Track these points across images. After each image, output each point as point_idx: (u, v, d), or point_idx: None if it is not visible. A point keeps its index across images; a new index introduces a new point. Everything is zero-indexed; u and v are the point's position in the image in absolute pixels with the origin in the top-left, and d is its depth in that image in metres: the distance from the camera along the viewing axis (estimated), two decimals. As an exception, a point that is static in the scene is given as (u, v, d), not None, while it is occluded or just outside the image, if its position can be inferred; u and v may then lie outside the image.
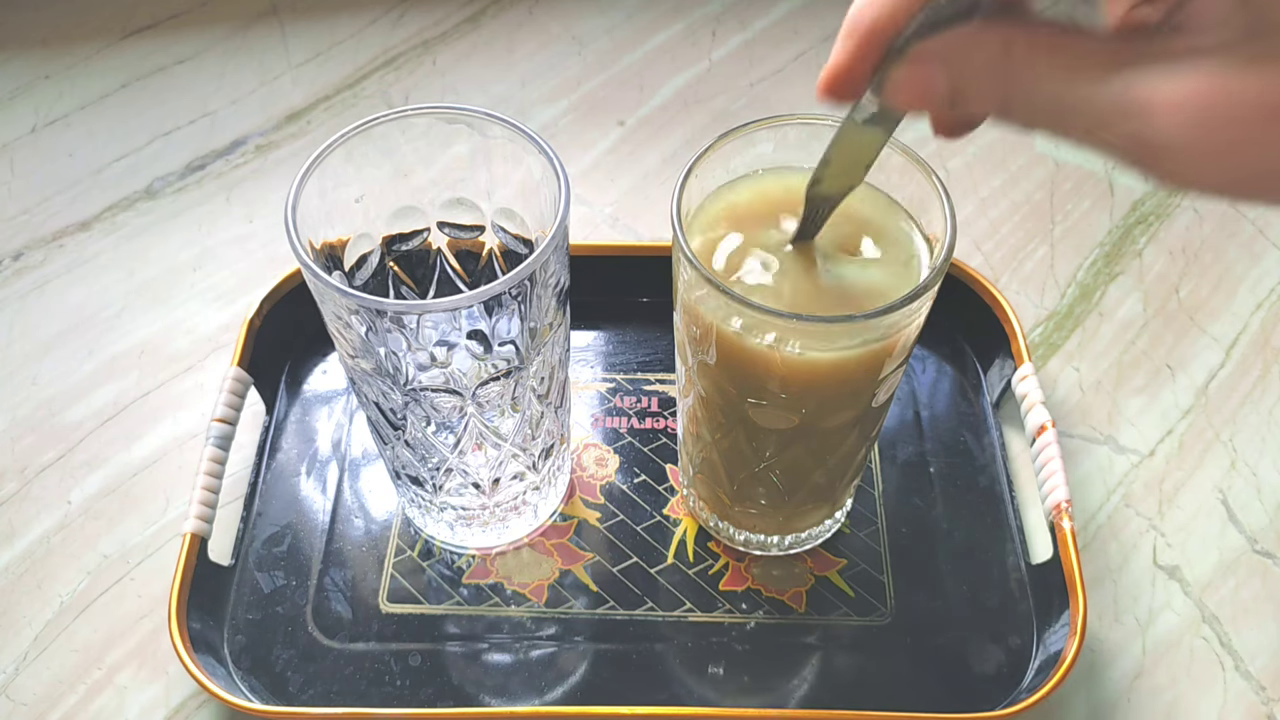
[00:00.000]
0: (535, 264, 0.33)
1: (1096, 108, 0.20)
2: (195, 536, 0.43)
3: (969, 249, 0.58)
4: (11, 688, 0.43)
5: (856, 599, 0.45)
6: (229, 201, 0.61)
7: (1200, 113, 0.19)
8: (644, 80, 0.68)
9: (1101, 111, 0.20)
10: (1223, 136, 0.19)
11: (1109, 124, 0.20)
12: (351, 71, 0.68)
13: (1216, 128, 0.19)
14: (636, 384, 0.53)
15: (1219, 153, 0.19)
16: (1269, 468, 0.50)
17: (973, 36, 0.22)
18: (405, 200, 0.39)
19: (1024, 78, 0.21)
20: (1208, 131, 0.19)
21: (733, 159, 0.37)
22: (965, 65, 0.22)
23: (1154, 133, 0.19)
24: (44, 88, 0.66)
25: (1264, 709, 0.43)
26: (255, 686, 0.42)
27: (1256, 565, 0.47)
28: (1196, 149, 0.19)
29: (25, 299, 0.56)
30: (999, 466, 0.49)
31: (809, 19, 0.71)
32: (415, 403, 0.37)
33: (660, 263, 0.39)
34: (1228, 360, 0.54)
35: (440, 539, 0.47)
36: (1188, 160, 0.19)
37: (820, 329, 0.33)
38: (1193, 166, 0.19)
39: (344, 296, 0.32)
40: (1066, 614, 0.42)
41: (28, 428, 0.51)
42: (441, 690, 0.43)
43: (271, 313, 0.51)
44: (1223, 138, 0.19)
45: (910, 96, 0.23)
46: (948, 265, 0.33)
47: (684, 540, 0.47)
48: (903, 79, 0.23)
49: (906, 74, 0.23)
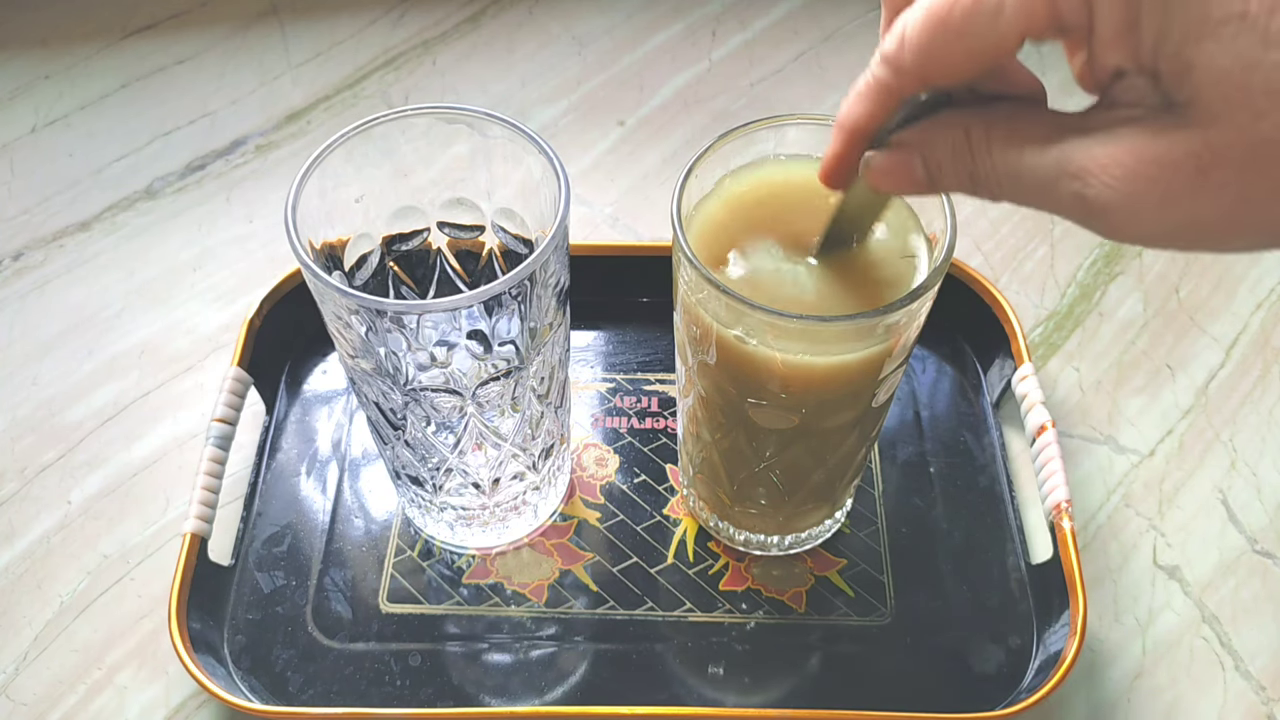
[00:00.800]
0: (535, 264, 0.33)
1: (1044, 174, 0.23)
2: (195, 536, 0.43)
3: (969, 249, 0.58)
4: (11, 688, 0.43)
5: (856, 599, 0.45)
6: (229, 201, 0.61)
7: (1128, 171, 0.22)
8: (644, 80, 0.68)
9: (1048, 177, 0.23)
10: (1150, 192, 0.22)
11: (1056, 188, 0.23)
12: (351, 71, 0.68)
13: (1142, 185, 0.22)
14: (636, 384, 0.53)
15: (1149, 207, 0.22)
16: (1269, 468, 0.50)
17: (939, 125, 0.25)
18: (405, 200, 0.39)
19: (981, 155, 0.24)
20: (1135, 188, 0.22)
21: (733, 159, 0.37)
22: (934, 150, 0.26)
23: (1094, 193, 0.22)
24: (44, 88, 0.66)
25: (1264, 709, 0.43)
26: (255, 686, 0.42)
27: (1256, 565, 0.47)
28: (1130, 205, 0.22)
29: (25, 299, 0.56)
30: (999, 466, 0.49)
31: (809, 19, 0.71)
32: (415, 403, 0.37)
33: (660, 263, 0.39)
34: (1228, 360, 0.54)
35: (440, 539, 0.47)
36: (1124, 215, 0.22)
37: (820, 329, 0.33)
38: (1129, 220, 0.22)
39: (344, 296, 0.32)
40: (1066, 614, 0.42)
41: (28, 428, 0.51)
42: (441, 690, 0.43)
43: (271, 313, 0.51)
44: (1150, 193, 0.22)
45: (890, 180, 0.27)
46: (948, 265, 0.33)
47: (684, 540, 0.47)
48: (881, 165, 0.27)
49: (884, 160, 0.27)
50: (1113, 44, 0.22)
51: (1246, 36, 0.20)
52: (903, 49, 0.24)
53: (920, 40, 0.24)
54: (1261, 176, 0.21)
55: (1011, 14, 0.22)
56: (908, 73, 0.24)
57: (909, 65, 0.24)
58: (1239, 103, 0.20)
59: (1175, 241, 0.23)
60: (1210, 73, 0.20)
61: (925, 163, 0.26)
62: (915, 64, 0.24)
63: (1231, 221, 0.21)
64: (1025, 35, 0.22)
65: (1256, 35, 0.20)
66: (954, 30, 0.23)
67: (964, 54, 0.23)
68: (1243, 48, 0.20)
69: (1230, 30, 0.20)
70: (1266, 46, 0.20)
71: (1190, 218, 0.22)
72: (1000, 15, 0.22)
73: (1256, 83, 0.20)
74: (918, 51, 0.24)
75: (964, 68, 0.24)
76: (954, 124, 0.25)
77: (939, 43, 0.23)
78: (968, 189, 0.25)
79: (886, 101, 0.26)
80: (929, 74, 0.24)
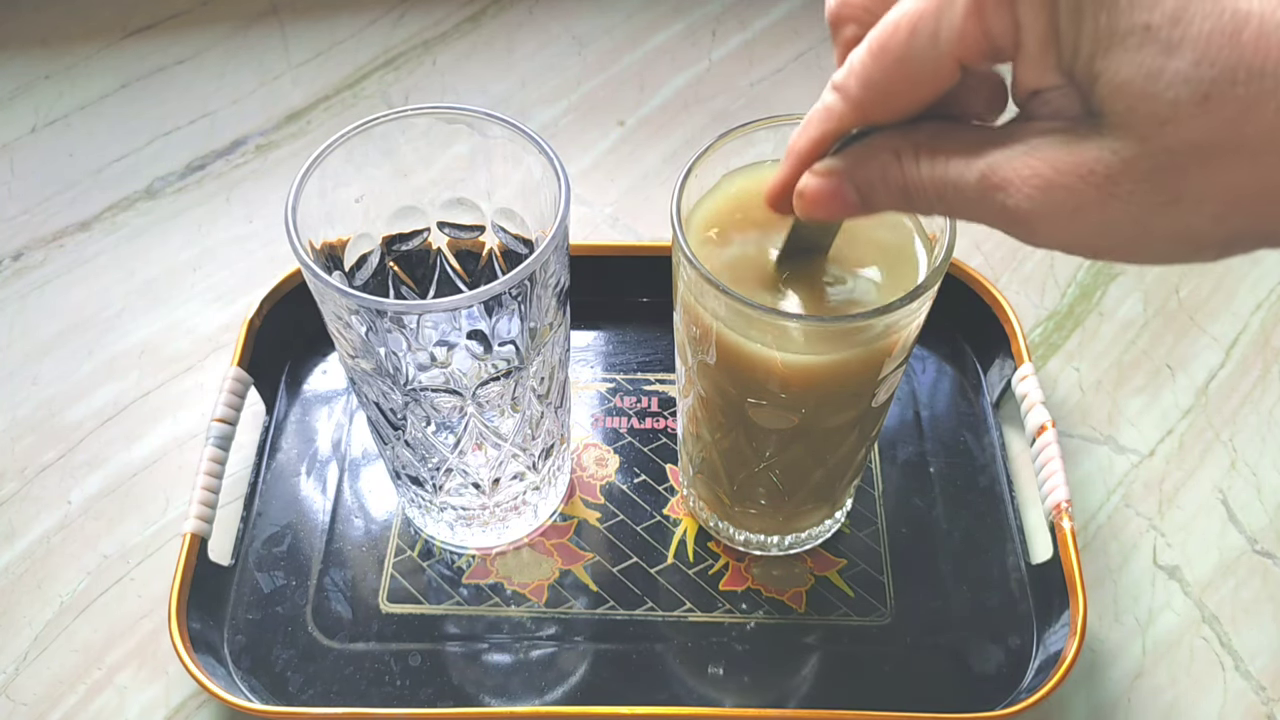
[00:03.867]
0: (535, 264, 0.33)
1: (968, 186, 0.24)
2: (195, 536, 0.43)
3: (969, 249, 0.58)
4: (11, 688, 0.43)
5: (856, 599, 0.45)
6: (229, 201, 0.61)
7: (1045, 181, 0.22)
8: (644, 80, 0.68)
9: (972, 189, 0.24)
10: (1065, 200, 0.22)
11: (981, 199, 0.24)
12: (351, 71, 0.68)
13: (1058, 194, 0.22)
14: (636, 384, 0.53)
15: (1066, 215, 0.22)
16: (1269, 468, 0.50)
17: (867, 148, 0.26)
18: (405, 200, 0.39)
19: (911, 172, 0.25)
20: (1052, 197, 0.22)
21: (733, 159, 0.37)
22: (864, 171, 0.26)
23: (1015, 203, 0.23)
24: (44, 88, 0.66)
25: (1264, 709, 0.43)
26: (255, 686, 0.42)
27: (1256, 565, 0.47)
28: (1048, 213, 0.22)
29: (25, 299, 0.56)
30: (999, 466, 0.49)
31: (809, 19, 0.71)
32: (415, 403, 0.37)
33: (660, 263, 0.39)
34: (1228, 360, 0.54)
35: (440, 539, 0.47)
36: (1044, 223, 0.23)
37: (820, 329, 0.33)
38: (1049, 228, 0.23)
39: (344, 296, 0.32)
40: (1066, 614, 0.42)
41: (28, 428, 0.51)
42: (441, 690, 0.43)
43: (271, 313, 0.51)
44: (1066, 202, 0.22)
45: (820, 206, 0.27)
46: (947, 265, 0.33)
47: (684, 540, 0.47)
48: (811, 191, 0.27)
49: (814, 186, 0.27)
50: (1038, 59, 0.22)
51: (1150, 47, 0.20)
52: (850, 76, 0.25)
53: (864, 68, 0.24)
54: (1164, 186, 0.21)
55: (947, 38, 0.23)
56: (854, 99, 0.25)
57: (855, 92, 0.25)
58: (1143, 112, 0.20)
59: (1090, 250, 0.23)
60: (1115, 83, 0.21)
61: (856, 184, 0.26)
62: (860, 90, 0.25)
63: (1139, 231, 0.22)
64: (962, 59, 0.23)
65: (1159, 45, 0.20)
66: (893, 56, 0.24)
67: (905, 80, 0.24)
68: (1145, 57, 0.20)
69: (1135, 40, 0.20)
70: (1169, 55, 0.20)
71: (1099, 227, 0.22)
72: (937, 39, 0.23)
73: (1159, 91, 0.20)
74: (862, 79, 0.25)
75: (907, 95, 0.24)
76: (882, 146, 0.25)
77: (881, 69, 0.24)
78: (901, 205, 0.26)
79: (835, 129, 0.26)
80: (872, 100, 0.25)
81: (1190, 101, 0.20)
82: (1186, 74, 0.20)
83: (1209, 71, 0.20)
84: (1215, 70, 0.20)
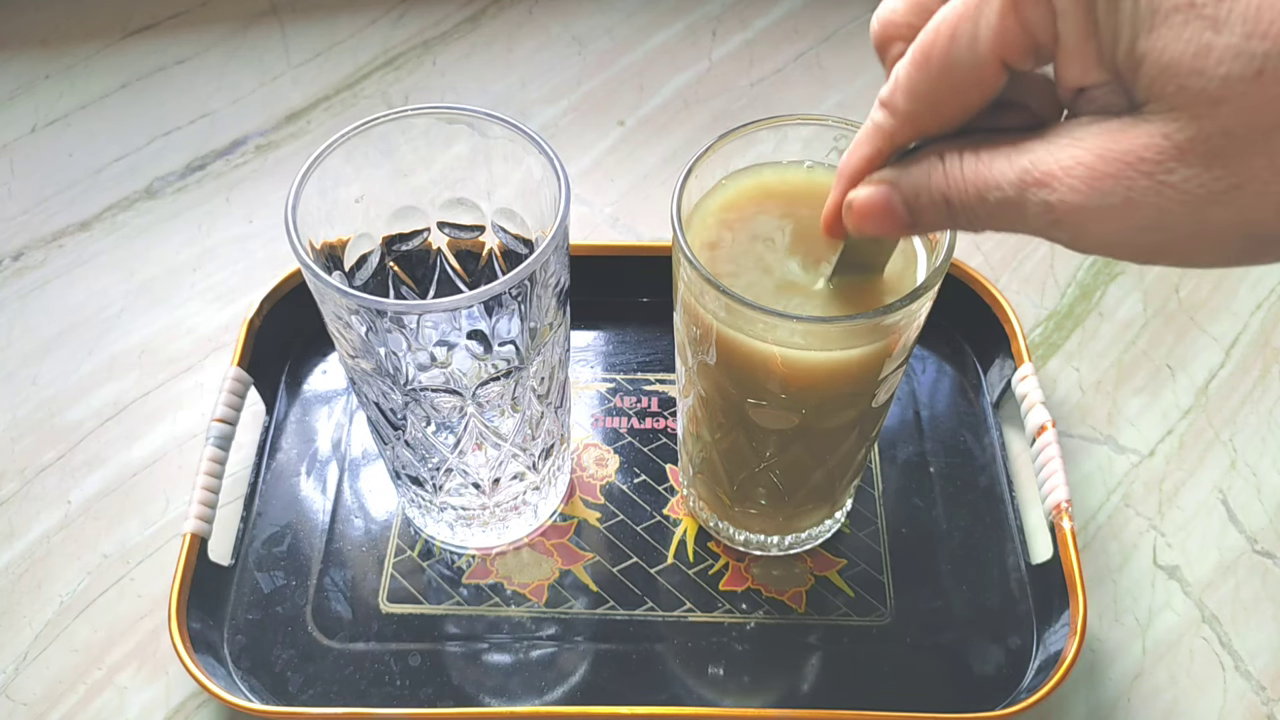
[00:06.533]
0: (535, 264, 0.33)
1: (1010, 184, 0.23)
2: (195, 536, 0.43)
3: (969, 249, 0.58)
4: (11, 688, 0.43)
5: (856, 599, 0.45)
6: (229, 201, 0.61)
7: (1091, 171, 0.21)
8: (644, 80, 0.68)
9: (1015, 187, 0.23)
10: (1113, 191, 0.21)
11: (1024, 200, 0.22)
12: (351, 71, 0.68)
13: (1105, 184, 0.21)
14: (636, 384, 0.53)
15: (1115, 209, 0.21)
16: (1269, 468, 0.50)
17: (914, 157, 0.25)
18: (405, 200, 0.39)
19: (954, 175, 0.24)
20: (1099, 187, 0.21)
21: (733, 159, 0.37)
22: (909, 178, 0.25)
23: (1059, 197, 0.22)
24: (44, 88, 0.66)
25: (1264, 709, 0.43)
26: (255, 686, 0.42)
27: (1256, 565, 0.47)
28: (1094, 207, 0.21)
29: (25, 299, 0.56)
30: (999, 466, 0.49)
31: (809, 19, 0.71)
32: (415, 403, 0.37)
33: (660, 263, 0.39)
34: (1228, 360, 0.54)
35: (440, 539, 0.47)
36: (1090, 220, 0.21)
37: (820, 329, 0.33)
38: (1097, 225, 0.21)
39: (344, 296, 0.32)
40: (1066, 614, 0.42)
41: (28, 428, 0.51)
42: (441, 690, 0.43)
43: (271, 313, 0.51)
44: (1114, 192, 0.21)
45: (870, 220, 0.27)
46: (947, 265, 0.33)
47: (684, 540, 0.47)
48: (860, 203, 0.27)
49: (863, 198, 0.27)
50: (1079, 50, 0.22)
51: (1196, 23, 0.19)
52: (895, 90, 0.25)
53: (909, 79, 0.24)
54: (1224, 171, 0.20)
55: (986, 37, 0.22)
56: (902, 112, 0.25)
57: (902, 105, 0.25)
58: (1194, 90, 0.19)
59: (1141, 250, 0.22)
60: (1162, 63, 0.20)
61: (902, 194, 0.26)
62: (907, 103, 0.24)
63: (1196, 224, 0.20)
64: (1004, 58, 0.22)
65: (1205, 21, 0.19)
66: (937, 64, 0.23)
67: (951, 87, 0.24)
68: (1192, 33, 0.19)
69: (1179, 18, 0.19)
70: (1217, 30, 0.19)
71: (1152, 220, 0.21)
72: (977, 41, 0.22)
73: (1209, 68, 0.19)
74: (908, 91, 0.24)
75: (954, 102, 0.24)
76: (928, 153, 0.25)
77: (926, 78, 0.24)
78: (945, 218, 0.25)
79: (884, 147, 0.26)
80: (920, 112, 0.25)
81: (1243, 78, 0.19)
82: (1238, 48, 0.19)
83: (1261, 45, 0.19)
84: (1268, 43, 0.19)
